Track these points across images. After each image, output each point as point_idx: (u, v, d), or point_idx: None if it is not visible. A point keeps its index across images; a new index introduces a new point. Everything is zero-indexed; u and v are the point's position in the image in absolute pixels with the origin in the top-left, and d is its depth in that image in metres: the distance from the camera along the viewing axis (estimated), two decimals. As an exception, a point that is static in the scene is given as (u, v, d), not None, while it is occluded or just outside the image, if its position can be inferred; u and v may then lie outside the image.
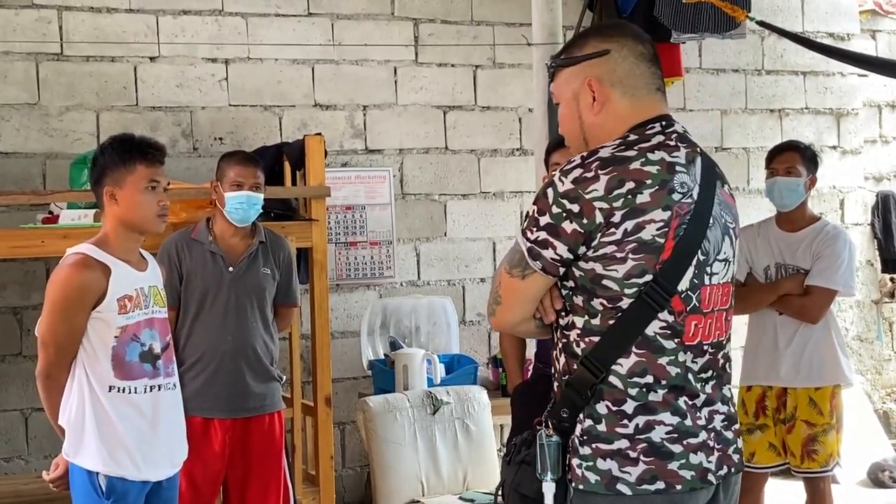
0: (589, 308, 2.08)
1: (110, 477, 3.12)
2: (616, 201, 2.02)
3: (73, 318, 3.10)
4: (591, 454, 2.07)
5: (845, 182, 6.95)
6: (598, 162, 2.05)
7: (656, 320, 2.06)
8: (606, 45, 2.16)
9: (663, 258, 2.04)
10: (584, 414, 2.09)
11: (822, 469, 4.19)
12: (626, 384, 2.06)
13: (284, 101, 5.63)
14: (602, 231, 2.03)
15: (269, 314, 4.13)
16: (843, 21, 6.97)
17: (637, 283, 2.04)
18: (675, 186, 2.06)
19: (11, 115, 5.15)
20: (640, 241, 2.03)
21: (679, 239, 2.05)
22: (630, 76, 2.16)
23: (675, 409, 2.07)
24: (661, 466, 2.04)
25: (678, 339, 2.08)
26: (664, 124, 2.15)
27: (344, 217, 5.72)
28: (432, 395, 5.19)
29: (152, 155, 3.21)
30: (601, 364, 2.06)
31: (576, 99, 2.19)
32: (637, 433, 2.05)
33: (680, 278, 2.06)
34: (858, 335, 7.00)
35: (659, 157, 2.08)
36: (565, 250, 2.06)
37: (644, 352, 2.06)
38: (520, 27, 5.83)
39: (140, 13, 5.35)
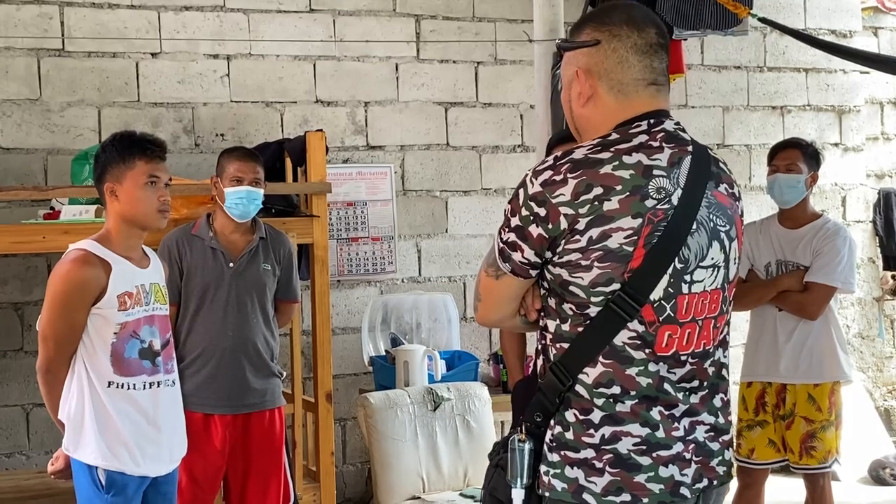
0: (560, 312, 2.02)
1: (109, 471, 3.14)
2: (582, 207, 1.94)
3: (74, 313, 3.11)
4: (560, 461, 2.01)
5: (847, 179, 6.94)
6: (569, 164, 1.97)
7: (625, 330, 1.97)
8: (598, 34, 2.05)
9: (632, 266, 1.95)
10: (554, 420, 2.03)
11: (820, 465, 4.19)
12: (592, 394, 1.99)
13: (286, 97, 5.63)
14: (566, 238, 1.96)
15: (270, 310, 4.13)
16: (845, 18, 6.96)
17: (603, 292, 1.96)
18: (650, 192, 1.96)
19: (13, 110, 5.16)
20: (606, 249, 1.94)
21: (651, 247, 1.95)
22: (617, 70, 2.04)
23: (644, 420, 1.99)
24: (627, 478, 1.98)
25: (649, 349, 1.99)
26: (652, 122, 2.04)
27: (345, 213, 5.72)
28: (433, 392, 5.19)
29: (152, 151, 3.22)
30: (568, 372, 2.00)
31: (568, 87, 2.11)
32: (603, 443, 1.99)
33: (652, 288, 1.97)
34: (860, 332, 6.99)
35: (635, 160, 1.97)
36: (532, 254, 2.00)
37: (611, 362, 1.98)
38: (521, 23, 5.81)
39: (142, 9, 5.35)
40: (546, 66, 4.59)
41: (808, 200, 4.35)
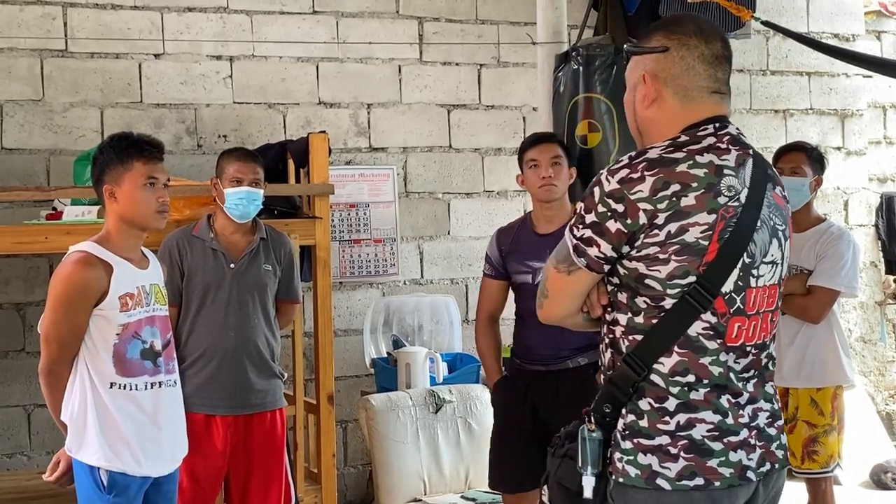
0: (632, 305, 2.12)
1: (111, 472, 3.14)
2: (660, 203, 2.05)
3: (76, 315, 3.12)
4: (633, 448, 2.11)
5: (850, 183, 6.94)
6: (645, 163, 2.09)
7: (699, 321, 2.09)
8: (668, 41, 2.17)
9: (707, 260, 2.06)
10: (626, 409, 2.13)
11: (822, 470, 4.19)
12: (668, 383, 2.10)
13: (289, 98, 5.63)
14: (645, 232, 2.07)
15: (271, 310, 4.13)
16: (848, 22, 6.96)
17: (679, 284, 2.07)
18: (722, 190, 2.08)
19: (16, 111, 5.16)
20: (684, 243, 2.06)
21: (724, 242, 2.07)
22: (684, 76, 2.17)
23: (716, 408, 2.10)
24: (700, 463, 2.08)
25: (720, 339, 2.10)
26: (717, 126, 2.17)
27: (348, 215, 5.72)
28: (435, 394, 5.19)
29: (149, 152, 3.23)
30: (643, 362, 2.10)
31: (634, 89, 2.23)
32: (678, 430, 2.09)
33: (724, 280, 2.09)
34: (862, 336, 6.98)
35: (707, 159, 2.10)
36: (609, 249, 2.10)
37: (686, 351, 2.09)
38: (524, 26, 5.82)
39: (145, 10, 5.35)
40: (549, 68, 4.60)
41: (812, 204, 4.35)
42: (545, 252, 3.88)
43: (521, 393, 3.92)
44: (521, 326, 3.96)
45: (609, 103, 4.24)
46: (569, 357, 3.85)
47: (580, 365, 3.84)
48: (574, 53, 4.36)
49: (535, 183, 3.89)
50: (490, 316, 4.07)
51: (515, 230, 4.01)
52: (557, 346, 3.83)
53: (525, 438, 3.87)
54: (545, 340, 3.83)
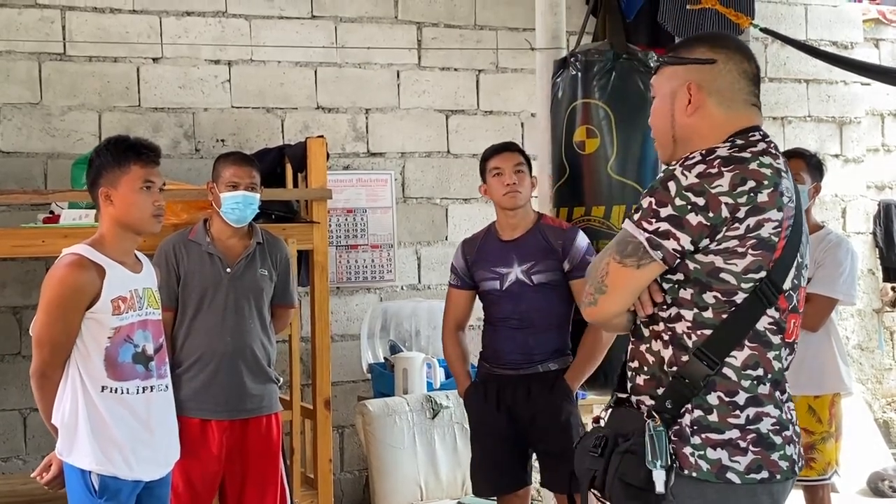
0: (699, 301, 2.15)
1: (103, 476, 3.13)
2: (740, 198, 2.10)
3: (68, 317, 3.11)
4: (702, 443, 2.14)
5: (847, 190, 6.94)
6: (720, 160, 2.13)
7: (765, 316, 2.15)
8: (714, 54, 2.24)
9: (775, 257, 2.13)
10: (692, 405, 2.15)
11: (819, 477, 4.18)
12: (740, 376, 2.14)
13: (287, 103, 5.63)
14: (728, 225, 2.10)
15: (267, 315, 4.12)
16: (847, 29, 6.97)
17: (753, 279, 2.12)
18: (784, 191, 2.16)
19: (13, 114, 5.16)
20: (759, 238, 2.11)
21: (787, 240, 2.15)
22: (729, 89, 2.24)
23: (776, 402, 2.18)
24: (766, 456, 2.14)
25: (782, 335, 2.18)
26: (762, 134, 2.24)
27: (345, 220, 5.72)
28: (432, 399, 5.19)
29: (147, 155, 3.22)
30: (716, 356, 2.13)
31: (672, 97, 2.27)
32: (748, 423, 2.14)
33: (786, 277, 2.16)
34: (859, 344, 6.98)
35: (768, 161, 2.17)
36: (688, 241, 2.12)
37: (756, 345, 2.15)
38: (523, 32, 5.83)
39: (143, 14, 5.35)
40: (548, 74, 4.59)
41: (811, 211, 4.34)
42: (511, 258, 3.94)
43: (493, 397, 3.96)
44: (491, 332, 4.01)
45: (607, 109, 4.24)
46: (539, 362, 3.90)
47: (550, 370, 3.89)
48: (572, 59, 4.36)
49: (500, 190, 3.96)
50: (457, 325, 4.14)
51: (480, 239, 4.09)
52: (529, 351, 3.90)
53: (501, 441, 3.93)
54: (516, 345, 3.90)
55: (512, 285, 3.92)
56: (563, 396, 3.90)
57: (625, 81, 4.22)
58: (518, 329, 3.92)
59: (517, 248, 3.95)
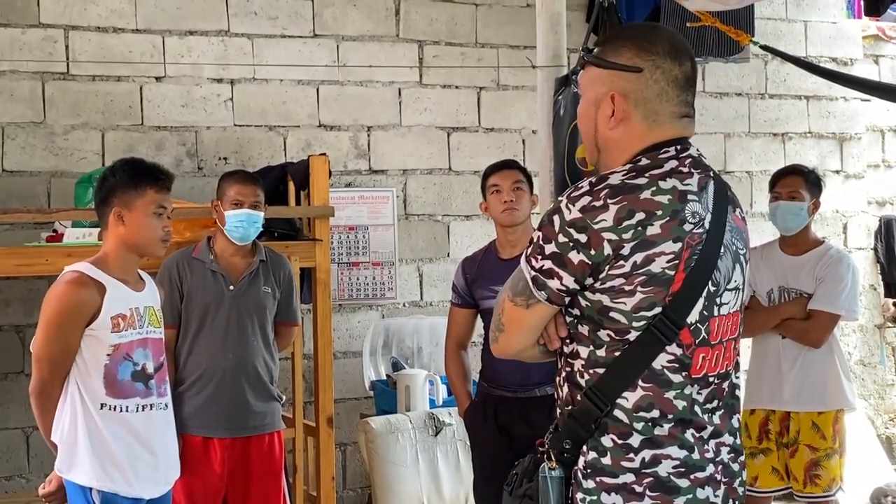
0: (594, 338, 2.01)
1: (103, 492, 3.14)
2: (626, 233, 1.94)
3: (68, 335, 3.12)
4: (596, 488, 2.00)
5: (848, 206, 6.96)
6: (608, 190, 1.96)
7: (664, 353, 1.98)
8: (641, 61, 2.04)
9: (673, 290, 1.96)
10: (587, 446, 2.02)
11: (824, 494, 4.18)
12: (632, 418, 1.99)
13: (289, 121, 5.65)
14: (611, 263, 1.95)
15: (270, 333, 4.13)
16: (847, 46, 7.00)
17: (646, 316, 1.96)
18: (687, 217, 1.97)
19: (17, 133, 5.18)
20: (650, 274, 1.95)
21: (690, 271, 1.97)
22: (656, 100, 2.05)
23: (681, 443, 2.00)
24: (666, 501, 1.98)
25: (685, 372, 2.00)
26: (679, 148, 2.06)
27: (347, 237, 5.73)
28: (434, 417, 5.18)
29: (163, 181, 3.28)
30: (606, 397, 1.99)
31: (596, 104, 2.09)
32: (643, 467, 1.98)
33: (689, 311, 1.99)
34: (861, 360, 6.98)
35: (671, 185, 1.98)
36: (571, 281, 1.98)
37: (651, 385, 1.99)
38: (524, 49, 5.85)
39: (146, 33, 5.38)
40: (548, 91, 4.61)
41: (811, 227, 4.35)
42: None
43: (491, 417, 3.95)
44: (490, 351, 3.99)
45: (609, 126, 4.26)
46: (536, 385, 3.89)
47: (547, 393, 3.87)
48: (574, 77, 4.38)
49: (498, 208, 3.97)
50: (458, 344, 4.14)
51: (480, 258, 4.09)
52: (526, 373, 3.87)
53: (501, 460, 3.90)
54: (513, 367, 3.86)
55: None
56: None
57: (626, 99, 4.23)
58: None
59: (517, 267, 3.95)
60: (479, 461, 4.05)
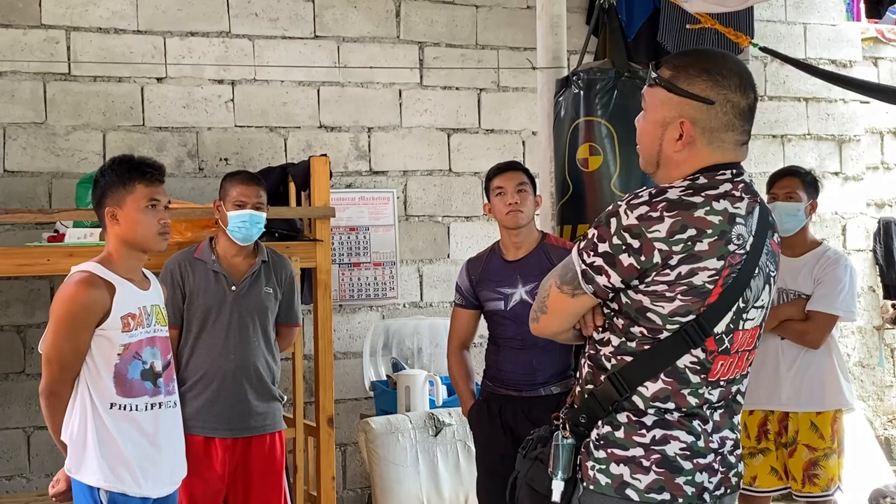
0: (627, 332, 2.17)
1: (112, 492, 3.14)
2: (676, 245, 2.09)
3: (78, 335, 3.12)
4: (606, 458, 2.17)
5: (847, 208, 6.97)
6: (665, 203, 2.11)
7: (688, 355, 2.15)
8: (714, 94, 2.16)
9: (709, 302, 2.12)
10: (602, 420, 2.19)
11: (823, 493, 4.19)
12: (648, 405, 2.17)
13: (290, 122, 5.66)
14: (657, 270, 2.10)
15: (272, 333, 4.13)
16: (846, 48, 7.01)
17: (680, 321, 2.13)
18: (732, 238, 2.12)
19: (18, 133, 5.19)
20: (691, 285, 2.10)
21: (726, 287, 2.13)
22: (722, 130, 2.19)
23: (689, 430, 2.18)
24: (669, 479, 2.15)
25: (704, 375, 2.18)
26: (734, 172, 2.20)
27: (348, 238, 5.74)
28: (434, 417, 5.19)
29: (151, 174, 3.25)
30: (628, 384, 2.16)
31: (663, 126, 2.21)
32: (653, 444, 2.16)
33: (719, 322, 2.15)
34: (860, 361, 6.99)
35: (722, 207, 2.13)
36: (618, 280, 2.14)
37: (671, 381, 2.16)
38: (524, 51, 5.87)
39: (147, 34, 5.39)
40: (549, 93, 4.63)
41: (808, 228, 4.36)
42: (516, 278, 3.94)
43: (496, 416, 3.96)
44: (495, 351, 4.02)
45: (610, 126, 4.27)
46: (542, 385, 3.90)
47: (552, 393, 3.89)
48: (575, 78, 4.39)
49: (502, 210, 3.97)
50: (461, 344, 4.14)
51: (485, 259, 4.08)
52: (531, 372, 3.89)
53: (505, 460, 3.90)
54: (519, 366, 3.90)
55: (516, 306, 3.92)
56: None
57: (627, 99, 4.25)
58: (521, 350, 3.91)
59: (521, 269, 3.96)
60: (483, 460, 4.05)
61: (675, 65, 2.23)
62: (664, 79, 2.21)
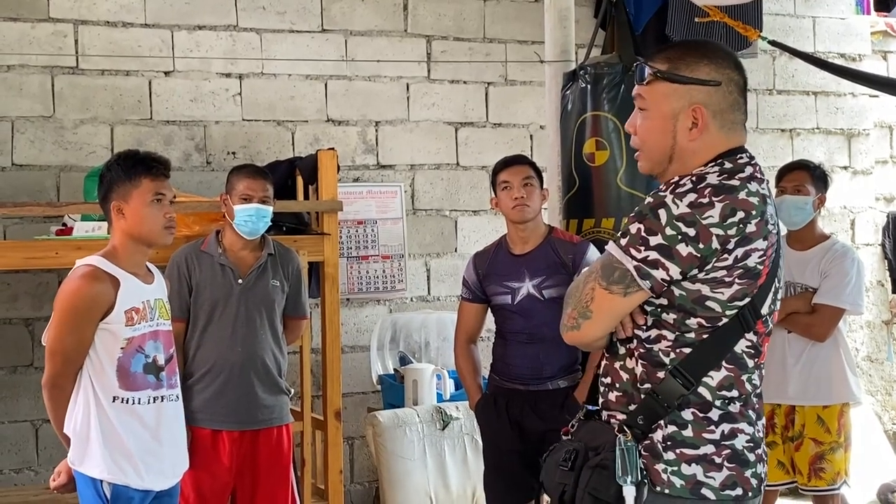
0: (682, 326, 2.14)
1: (115, 485, 3.16)
2: (730, 229, 2.08)
3: (82, 329, 3.14)
4: (676, 459, 2.12)
5: (856, 202, 6.95)
6: (711, 189, 2.10)
7: (744, 339, 2.15)
8: (719, 75, 2.18)
9: (759, 283, 2.13)
10: (665, 420, 2.14)
11: (829, 487, 4.18)
12: (715, 396, 2.14)
13: (297, 116, 5.66)
14: (717, 256, 2.08)
15: (279, 326, 4.14)
16: (855, 42, 6.98)
17: (738, 305, 2.12)
18: (769, 218, 2.15)
19: (26, 127, 5.20)
20: (746, 268, 2.10)
21: (770, 267, 2.15)
22: (731, 110, 2.20)
23: (748, 420, 2.17)
24: (740, 473, 2.13)
25: (757, 358, 2.18)
26: (749, 156, 2.21)
27: (355, 231, 5.74)
28: (442, 411, 5.20)
29: (157, 169, 3.26)
30: (692, 376, 2.12)
31: (674, 118, 2.19)
32: (723, 439, 2.13)
33: (764, 303, 2.16)
34: (869, 356, 6.98)
35: (755, 188, 2.14)
36: (677, 272, 2.10)
37: (732, 367, 2.14)
38: (532, 45, 5.85)
39: (155, 28, 5.40)
40: (557, 87, 4.62)
41: (816, 222, 4.35)
42: (523, 272, 3.94)
43: (503, 410, 3.96)
44: (502, 345, 4.02)
45: (616, 121, 4.26)
46: (549, 379, 3.91)
47: (559, 387, 3.89)
48: (582, 72, 4.38)
49: (508, 204, 3.97)
50: (468, 338, 4.14)
51: (491, 253, 4.08)
52: (538, 366, 3.89)
53: (512, 454, 3.94)
54: (526, 360, 3.90)
55: (523, 300, 3.92)
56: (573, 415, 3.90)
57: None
58: (528, 344, 3.92)
59: (528, 263, 3.96)
60: (490, 453, 4.06)
61: (668, 56, 2.22)
62: (665, 71, 2.20)
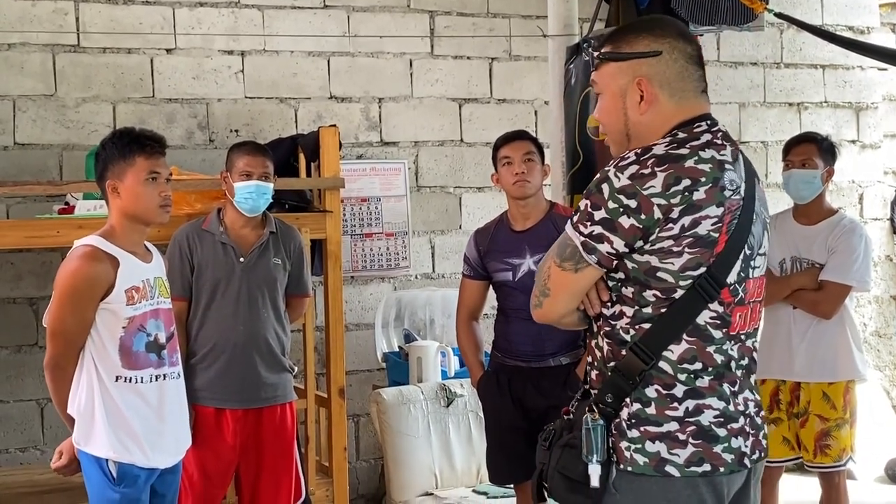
0: (640, 299, 2.14)
1: (121, 463, 3.16)
2: (674, 198, 2.07)
3: (83, 309, 3.13)
4: (640, 437, 2.13)
5: (864, 176, 6.90)
6: (654, 159, 2.10)
7: (707, 310, 2.13)
8: (658, 45, 2.19)
9: (716, 252, 2.10)
10: (630, 398, 2.14)
11: (834, 463, 4.17)
12: (676, 370, 2.12)
13: (300, 93, 5.63)
14: (660, 226, 2.08)
15: (281, 304, 4.13)
16: (863, 14, 6.91)
17: (692, 276, 2.10)
18: (726, 184, 2.12)
19: (28, 106, 5.18)
20: (696, 236, 2.09)
21: (731, 234, 2.12)
22: (679, 79, 2.19)
23: (720, 395, 2.14)
24: (707, 449, 2.12)
25: (726, 329, 2.15)
26: (709, 123, 2.21)
27: (359, 209, 5.72)
28: (446, 388, 5.19)
29: (151, 147, 3.25)
30: (652, 350, 2.12)
31: (622, 96, 2.21)
32: (687, 416, 2.12)
33: (729, 271, 2.13)
34: (877, 331, 6.95)
35: (709, 155, 2.13)
36: (622, 245, 2.10)
37: (694, 339, 2.13)
38: (536, 19, 5.81)
39: (156, 5, 5.36)
40: (560, 61, 4.59)
41: (824, 196, 4.31)
42: (524, 249, 3.92)
43: (505, 387, 3.96)
44: (504, 322, 4.01)
45: (620, 96, 4.23)
46: (551, 355, 3.90)
47: (561, 364, 3.88)
48: (586, 45, 4.35)
49: (509, 180, 3.95)
50: (470, 315, 4.14)
51: (492, 230, 4.07)
52: (540, 343, 3.88)
53: (514, 431, 3.94)
54: (528, 337, 3.88)
55: (524, 276, 3.90)
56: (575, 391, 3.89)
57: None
58: (530, 320, 3.87)
59: (529, 239, 3.94)
60: (493, 430, 4.06)
61: (611, 38, 2.27)
62: (608, 52, 2.24)
